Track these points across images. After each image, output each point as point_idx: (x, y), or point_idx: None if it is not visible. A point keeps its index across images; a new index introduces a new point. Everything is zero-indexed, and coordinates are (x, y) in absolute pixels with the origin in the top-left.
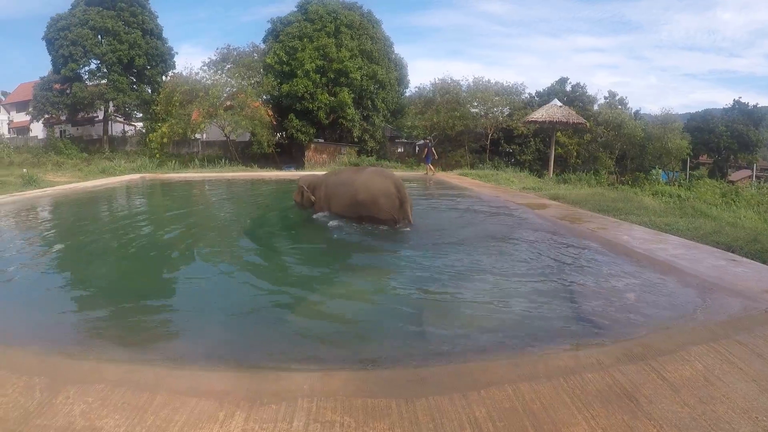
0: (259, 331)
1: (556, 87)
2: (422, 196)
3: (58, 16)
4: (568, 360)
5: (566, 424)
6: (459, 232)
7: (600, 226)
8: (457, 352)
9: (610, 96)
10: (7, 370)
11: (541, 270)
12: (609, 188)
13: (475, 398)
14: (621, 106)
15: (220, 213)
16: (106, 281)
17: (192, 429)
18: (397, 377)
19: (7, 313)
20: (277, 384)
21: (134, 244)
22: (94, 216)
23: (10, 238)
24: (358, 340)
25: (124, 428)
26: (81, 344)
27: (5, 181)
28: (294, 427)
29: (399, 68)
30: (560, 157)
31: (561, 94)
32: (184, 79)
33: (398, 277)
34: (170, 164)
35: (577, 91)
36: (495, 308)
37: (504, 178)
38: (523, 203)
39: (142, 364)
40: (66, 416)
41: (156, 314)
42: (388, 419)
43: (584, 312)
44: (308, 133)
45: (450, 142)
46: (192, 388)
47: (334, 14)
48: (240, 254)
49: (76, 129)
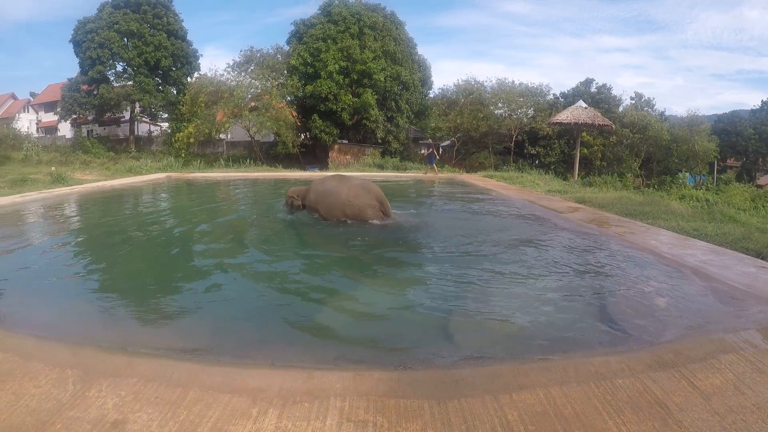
0: (287, 330)
1: (581, 88)
2: (449, 199)
3: (85, 19)
4: (599, 365)
5: (597, 430)
6: (487, 235)
7: (628, 230)
8: (488, 355)
9: (637, 97)
10: (40, 361)
11: (570, 274)
12: (635, 192)
13: (506, 401)
14: (647, 107)
15: (247, 212)
16: (133, 277)
17: (225, 425)
18: (429, 378)
19: (37, 305)
20: (309, 383)
21: (161, 241)
22: (123, 213)
23: (40, 234)
24: (388, 341)
25: (157, 422)
26: (110, 338)
27: (34, 178)
28: (327, 425)
29: (423, 69)
30: (585, 159)
31: (586, 95)
32: (209, 80)
33: (426, 280)
34: (196, 164)
35: (603, 93)
36: (524, 312)
37: (529, 180)
38: (550, 207)
39: (175, 360)
40: (99, 409)
41: (184, 311)
42: (420, 420)
43: (614, 317)
44: (332, 133)
45: (474, 143)
46: (225, 385)
47: (357, 16)
48: (266, 253)
49: (103, 129)
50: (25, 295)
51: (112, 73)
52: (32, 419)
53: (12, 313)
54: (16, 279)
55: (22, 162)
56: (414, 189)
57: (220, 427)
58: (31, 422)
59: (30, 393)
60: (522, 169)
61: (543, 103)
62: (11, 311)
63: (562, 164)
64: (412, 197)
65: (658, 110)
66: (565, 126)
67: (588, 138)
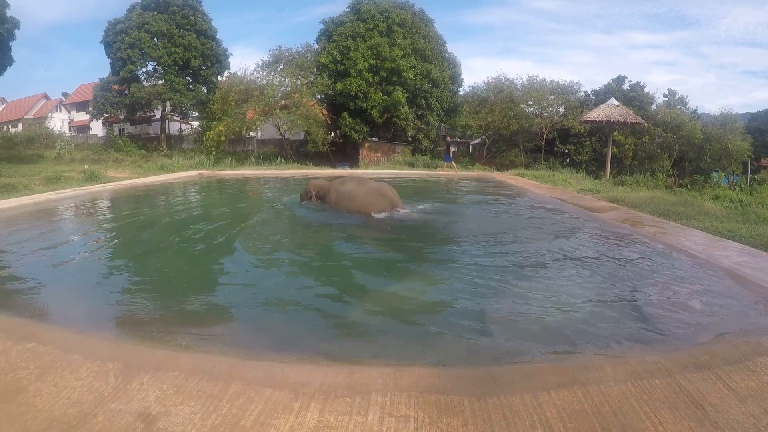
0: (324, 326)
1: (612, 85)
2: (481, 197)
3: (115, 20)
4: (635, 365)
5: (635, 429)
6: (520, 233)
7: (661, 230)
8: (525, 352)
9: (670, 95)
10: (81, 354)
11: (605, 274)
12: (667, 191)
13: (545, 399)
14: (681, 105)
15: (280, 209)
16: (169, 273)
17: (268, 418)
18: (469, 375)
19: (75, 300)
20: (350, 378)
21: (196, 237)
22: (157, 209)
23: (77, 230)
24: (425, 338)
25: (200, 415)
26: (148, 332)
27: (68, 176)
28: (369, 420)
29: (452, 67)
30: (616, 157)
31: (618, 92)
32: (239, 79)
33: (460, 278)
34: (227, 161)
35: (635, 91)
36: (560, 311)
37: (561, 179)
38: (582, 206)
39: (216, 354)
40: (141, 401)
41: (220, 306)
42: (461, 416)
43: (649, 318)
44: (362, 131)
45: (504, 141)
46: (266, 379)
47: (386, 13)
48: (299, 250)
49: (134, 127)
50: (65, 289)
51: (143, 73)
52: (74, 411)
53: (51, 307)
54: (55, 274)
55: (54, 160)
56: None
57: (263, 420)
58: (74, 414)
59: (71, 385)
60: (553, 168)
61: (574, 101)
62: (51, 305)
63: (594, 162)
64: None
65: (691, 108)
66: (597, 124)
67: (619, 137)
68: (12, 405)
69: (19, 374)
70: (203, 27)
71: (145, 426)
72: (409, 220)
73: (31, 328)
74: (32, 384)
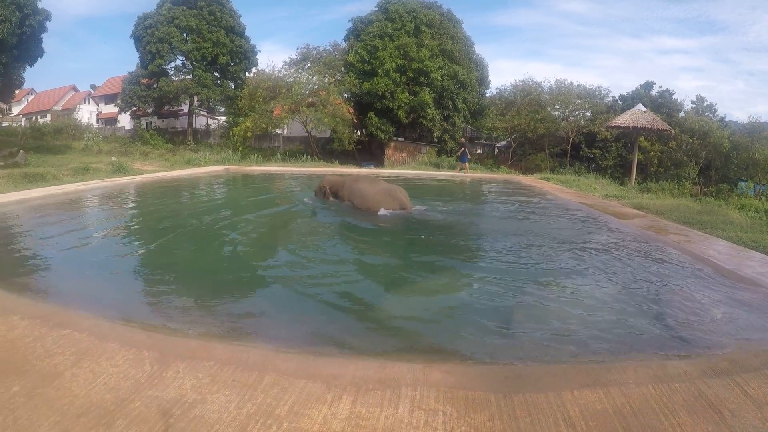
0: (351, 321)
1: (640, 91)
2: (506, 200)
3: (144, 14)
4: (656, 369)
5: (654, 430)
6: (544, 237)
7: (685, 239)
8: (549, 353)
9: (698, 101)
10: (116, 342)
11: (627, 279)
12: (692, 200)
13: (568, 398)
14: (709, 112)
15: (304, 205)
16: (201, 266)
17: (302, 408)
18: (494, 373)
19: (107, 287)
20: (381, 372)
21: (225, 230)
22: (185, 202)
23: (107, 221)
24: (450, 335)
25: (235, 404)
26: (181, 321)
27: (96, 167)
28: (399, 413)
29: (480, 68)
30: (641, 163)
31: (646, 98)
32: (267, 75)
33: (484, 278)
34: (253, 157)
35: (664, 97)
36: (583, 314)
37: (586, 184)
38: (607, 212)
39: (250, 345)
40: (177, 389)
41: (250, 297)
42: (487, 411)
43: (670, 324)
44: (388, 131)
45: (530, 144)
46: (299, 371)
47: (414, 13)
48: (326, 245)
49: (162, 121)
50: (98, 277)
51: (172, 67)
52: (111, 396)
53: (85, 295)
54: (88, 262)
55: (82, 151)
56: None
57: (297, 410)
58: (111, 399)
59: (108, 371)
60: (578, 172)
61: (601, 106)
62: (84, 293)
63: (619, 168)
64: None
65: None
66: (624, 129)
67: (645, 143)
68: (49, 389)
69: (55, 360)
70: (231, 23)
71: (181, 413)
72: (420, 218)
73: (66, 315)
74: (68, 370)
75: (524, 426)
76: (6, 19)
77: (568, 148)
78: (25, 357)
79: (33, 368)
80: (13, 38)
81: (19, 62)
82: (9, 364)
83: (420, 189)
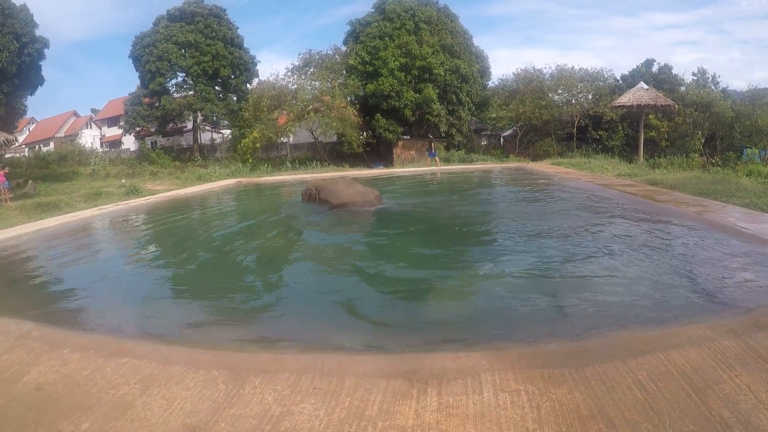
0: (408, 315)
1: (641, 69)
2: (529, 186)
3: (142, 34)
4: (705, 330)
5: (715, 382)
6: (573, 218)
7: (704, 209)
8: (603, 325)
9: (700, 73)
10: (181, 365)
11: (659, 251)
12: (702, 171)
13: (634, 364)
14: (711, 84)
15: (324, 211)
16: (233, 279)
17: (391, 406)
18: (562, 349)
19: (149, 311)
20: (456, 362)
21: (251, 242)
22: (205, 218)
23: (129, 243)
24: (504, 320)
25: (324, 411)
26: (237, 337)
27: (108, 191)
28: (485, 397)
29: (480, 60)
30: (649, 140)
31: (647, 76)
32: (271, 84)
33: (524, 263)
34: (263, 168)
35: (665, 72)
36: (624, 286)
37: (597, 165)
38: (625, 190)
39: (320, 352)
40: (259, 404)
41: (293, 306)
42: (565, 385)
43: (708, 288)
44: (395, 131)
45: (536, 131)
46: (377, 371)
47: (412, 11)
48: (361, 247)
49: (166, 139)
50: (137, 301)
51: (173, 85)
52: (192, 421)
53: (130, 321)
54: (125, 290)
55: (89, 176)
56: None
57: (387, 408)
58: (192, 424)
59: (181, 396)
60: (587, 155)
61: (604, 87)
62: (128, 320)
63: (626, 147)
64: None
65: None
66: (628, 109)
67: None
68: (123, 422)
69: (120, 390)
70: (230, 35)
71: (271, 427)
72: (458, 210)
73: (118, 344)
74: (138, 399)
75: (601, 394)
76: (4, 48)
77: (573, 131)
78: (87, 391)
79: (99, 402)
80: (13, 67)
81: (20, 91)
82: (71, 400)
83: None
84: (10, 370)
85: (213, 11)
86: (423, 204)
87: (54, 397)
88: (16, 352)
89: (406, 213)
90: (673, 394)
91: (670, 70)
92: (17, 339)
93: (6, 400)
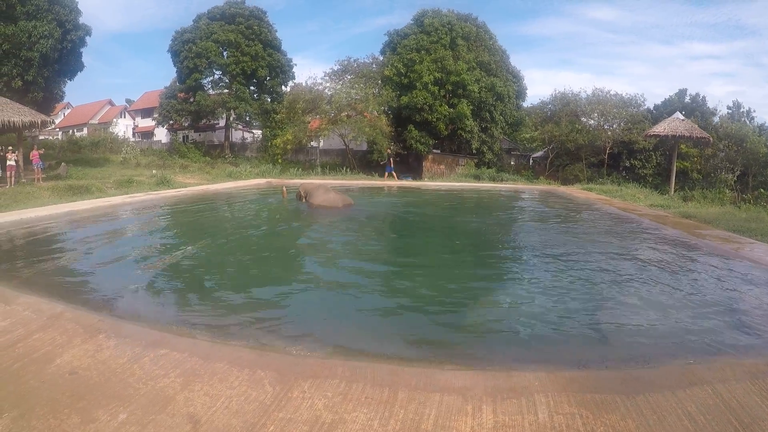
0: (449, 332)
1: (674, 99)
2: (562, 212)
3: (182, 29)
4: (749, 366)
5: (761, 419)
6: (610, 247)
7: (740, 246)
8: (650, 356)
9: (734, 107)
10: (223, 362)
11: (699, 285)
12: (734, 207)
13: (683, 396)
14: (745, 118)
15: (368, 216)
16: (274, 279)
17: (446, 421)
18: (613, 377)
19: (189, 305)
20: (510, 381)
21: (289, 242)
22: (240, 214)
23: (165, 233)
24: (554, 343)
25: (378, 421)
26: (279, 338)
27: (139, 180)
28: (540, 419)
29: (517, 80)
30: (681, 171)
31: (679, 106)
32: (308, 88)
33: (566, 287)
34: (293, 170)
35: (697, 102)
36: (667, 319)
37: (629, 194)
38: (661, 223)
39: (371, 361)
40: (309, 410)
41: (336, 312)
42: (618, 412)
43: (747, 323)
44: (427, 143)
45: (567, 155)
46: (430, 385)
47: (449, 26)
48: (391, 260)
49: (198, 135)
50: (180, 292)
51: (208, 81)
52: (238, 421)
53: (171, 313)
54: (164, 281)
55: (121, 164)
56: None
57: (442, 423)
58: (239, 425)
59: (225, 394)
60: (618, 182)
61: (637, 115)
62: (168, 311)
63: (657, 177)
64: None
65: (757, 122)
66: (662, 138)
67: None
68: (163, 416)
69: (160, 382)
70: (269, 38)
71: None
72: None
73: (158, 334)
74: (179, 393)
75: (653, 423)
76: (49, 35)
77: (605, 158)
78: (123, 380)
79: (137, 392)
80: (55, 53)
81: (59, 76)
82: (107, 388)
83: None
84: (42, 350)
85: (254, 13)
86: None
87: (89, 383)
88: (48, 332)
89: None
90: (722, 428)
91: (704, 100)
92: (49, 319)
93: (39, 382)
